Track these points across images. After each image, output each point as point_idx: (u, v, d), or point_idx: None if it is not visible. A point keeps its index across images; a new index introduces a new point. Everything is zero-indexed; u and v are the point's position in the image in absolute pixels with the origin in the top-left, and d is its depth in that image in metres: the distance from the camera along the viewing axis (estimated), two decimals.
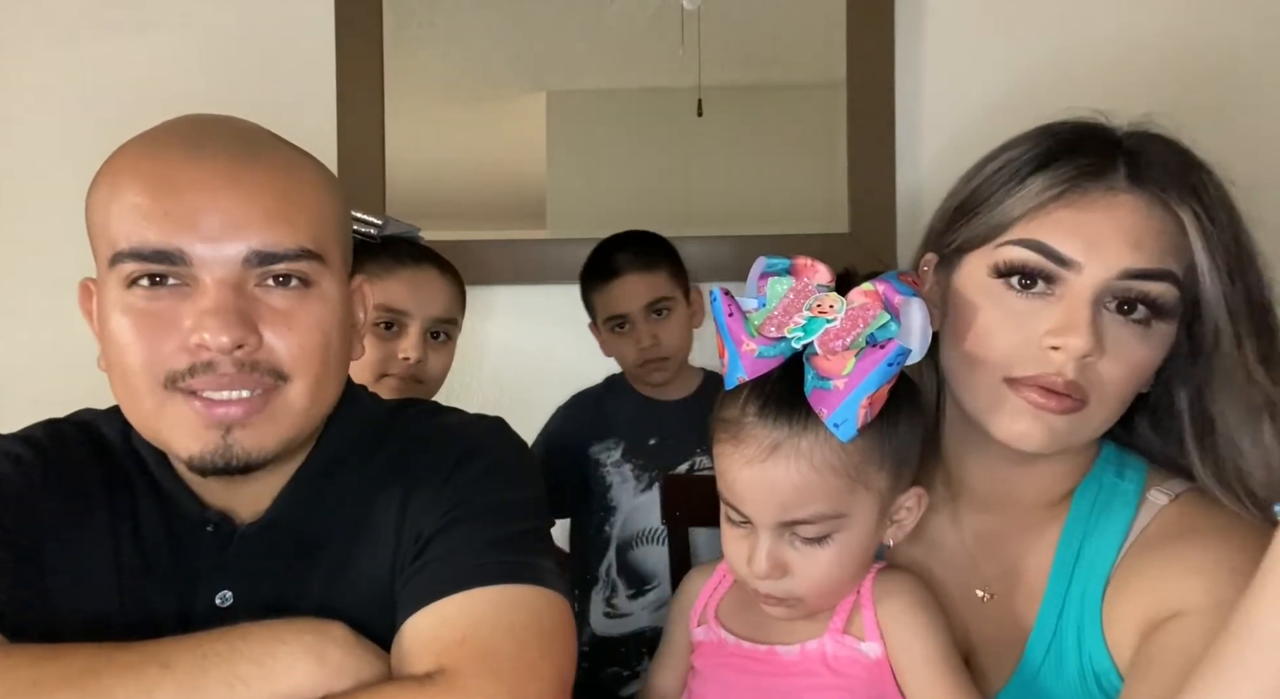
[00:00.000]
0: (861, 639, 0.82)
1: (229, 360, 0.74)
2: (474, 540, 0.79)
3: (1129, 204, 0.78)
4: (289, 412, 0.77)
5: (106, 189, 0.76)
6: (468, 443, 0.86)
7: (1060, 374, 0.77)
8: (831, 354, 0.75)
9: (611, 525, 1.61)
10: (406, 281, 1.33)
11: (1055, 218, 0.79)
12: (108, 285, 0.76)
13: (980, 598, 0.88)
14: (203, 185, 0.74)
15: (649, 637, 1.58)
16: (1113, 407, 0.80)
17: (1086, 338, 0.76)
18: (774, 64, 1.78)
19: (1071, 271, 0.78)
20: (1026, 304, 0.79)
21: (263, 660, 0.69)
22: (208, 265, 0.74)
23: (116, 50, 1.78)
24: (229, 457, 0.75)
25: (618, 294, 1.57)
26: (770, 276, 0.80)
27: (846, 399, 0.74)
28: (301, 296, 0.77)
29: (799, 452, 0.77)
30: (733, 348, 0.79)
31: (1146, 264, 0.77)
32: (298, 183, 0.79)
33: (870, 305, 0.76)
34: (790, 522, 0.78)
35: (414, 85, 1.77)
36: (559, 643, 0.76)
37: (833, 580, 0.81)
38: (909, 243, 1.70)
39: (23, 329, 1.81)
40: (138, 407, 0.76)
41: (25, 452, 0.83)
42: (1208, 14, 1.68)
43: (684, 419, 1.61)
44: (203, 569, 0.82)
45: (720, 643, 0.87)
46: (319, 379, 0.78)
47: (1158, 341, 0.80)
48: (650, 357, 1.57)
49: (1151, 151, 0.80)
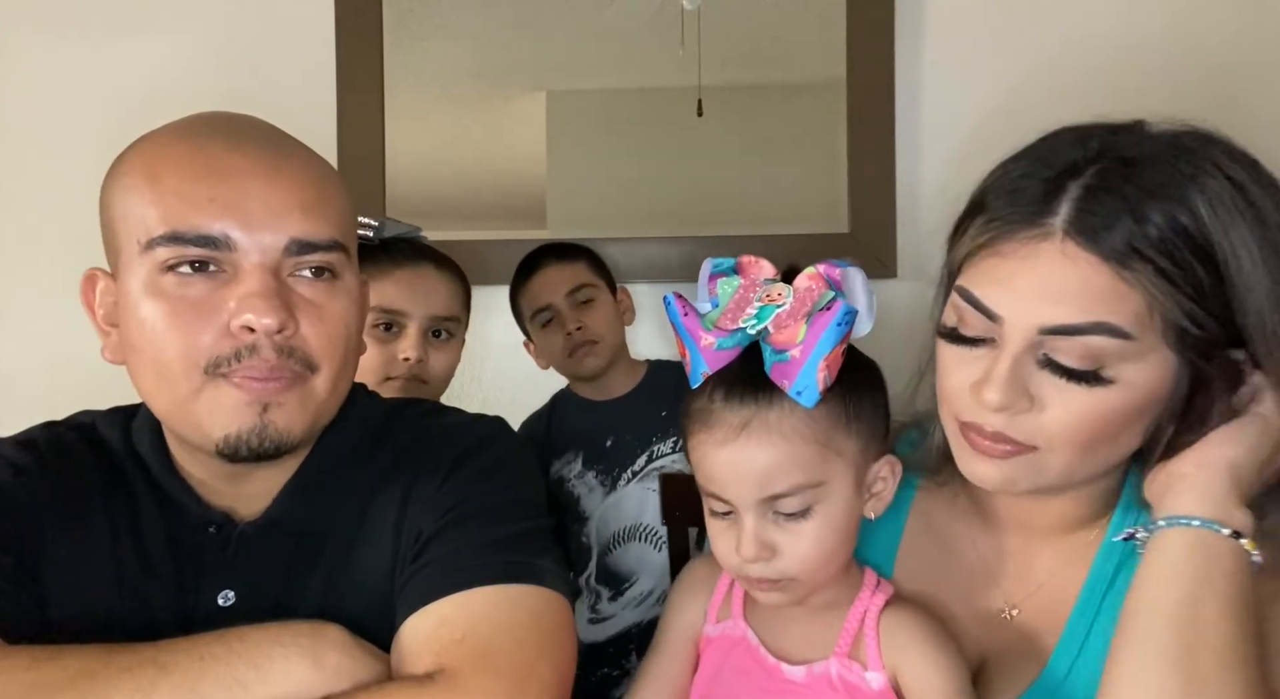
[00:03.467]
0: (865, 668, 0.81)
1: (270, 345, 0.75)
2: (473, 540, 0.79)
3: (1052, 255, 0.72)
4: (313, 398, 0.79)
5: (139, 177, 0.76)
6: (467, 442, 0.87)
7: (988, 424, 0.76)
8: (783, 329, 0.78)
9: (588, 535, 1.61)
10: (402, 282, 1.32)
11: (985, 265, 0.76)
12: (135, 272, 0.76)
13: (1002, 614, 0.87)
14: (248, 174, 0.76)
15: (634, 635, 1.58)
16: (1068, 454, 0.76)
17: (999, 393, 0.73)
18: (774, 64, 1.78)
19: (996, 324, 0.75)
20: (967, 351, 0.78)
21: (260, 664, 0.69)
22: (249, 252, 0.75)
23: (116, 51, 1.78)
24: (264, 436, 0.76)
25: (538, 286, 1.57)
26: (719, 277, 0.84)
27: (805, 366, 0.76)
28: (330, 288, 0.79)
29: (768, 425, 0.79)
30: (692, 345, 0.81)
31: (1066, 320, 0.71)
32: (325, 177, 0.81)
33: (814, 287, 0.80)
34: (770, 497, 0.79)
35: (414, 85, 1.77)
36: (558, 642, 0.77)
37: (821, 554, 0.81)
38: (909, 243, 1.71)
39: (22, 330, 1.81)
40: (171, 392, 0.76)
41: (22, 456, 0.83)
42: (1208, 14, 1.68)
43: (634, 413, 1.60)
44: (204, 569, 0.82)
45: (741, 640, 0.87)
46: (340, 370, 0.80)
47: (1118, 387, 0.73)
48: (578, 340, 1.55)
49: (1109, 187, 0.72)
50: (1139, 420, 0.76)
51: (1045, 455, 0.76)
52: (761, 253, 0.86)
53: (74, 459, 0.84)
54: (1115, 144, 0.76)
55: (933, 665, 0.80)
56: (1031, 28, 1.70)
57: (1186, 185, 0.72)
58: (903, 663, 0.81)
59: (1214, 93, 1.63)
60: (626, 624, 1.59)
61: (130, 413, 0.88)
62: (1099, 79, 1.64)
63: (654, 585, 1.57)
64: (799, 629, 0.85)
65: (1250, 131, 0.79)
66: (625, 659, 1.58)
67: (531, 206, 1.81)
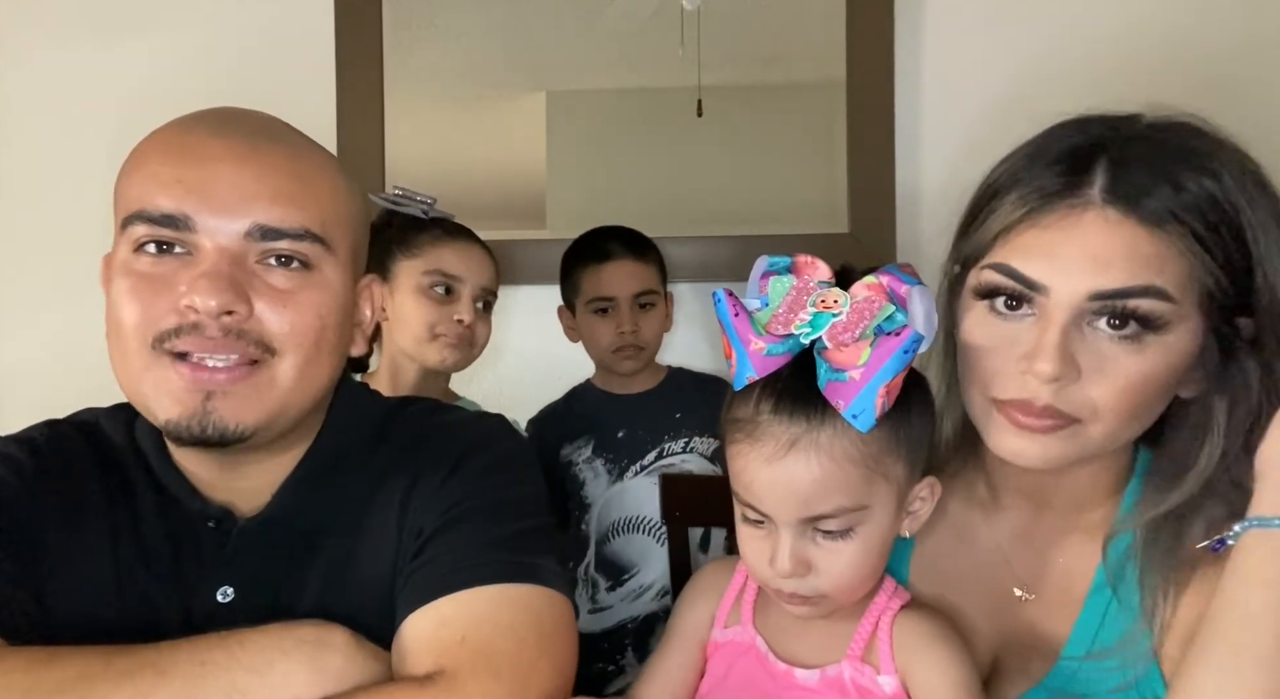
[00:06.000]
0: (878, 671, 0.81)
1: (215, 325, 0.74)
2: (474, 539, 0.79)
3: (1095, 223, 0.74)
4: (273, 387, 0.77)
5: (133, 163, 0.79)
6: (469, 440, 0.87)
7: (1035, 397, 0.76)
8: (843, 346, 0.74)
9: (588, 522, 1.62)
10: (460, 252, 1.46)
11: (1023, 239, 0.77)
12: (117, 252, 0.78)
13: (1019, 597, 0.87)
14: (220, 158, 0.76)
15: (631, 629, 1.59)
16: (1112, 423, 0.77)
17: (1053, 363, 0.74)
18: (774, 64, 1.78)
19: (1041, 295, 0.76)
20: (1007, 326, 0.78)
21: (262, 670, 0.69)
22: (211, 233, 0.75)
23: (116, 51, 1.78)
24: (205, 424, 0.75)
25: (609, 277, 1.58)
26: (772, 275, 0.80)
27: (864, 389, 0.73)
28: (302, 278, 0.78)
29: (818, 445, 0.76)
30: (740, 348, 0.78)
31: (1116, 284, 0.73)
32: (311, 169, 0.80)
33: (874, 298, 0.77)
34: (812, 517, 0.77)
35: (414, 85, 1.77)
36: (559, 642, 0.76)
37: (858, 574, 0.80)
38: (909, 242, 1.71)
39: (25, 328, 1.81)
40: (127, 368, 0.77)
41: (22, 454, 0.83)
42: (1209, 11, 1.68)
43: (650, 409, 1.62)
44: (204, 566, 0.82)
45: (750, 647, 0.86)
46: (309, 360, 0.79)
47: (1158, 352, 0.75)
48: (628, 342, 1.57)
49: (1133, 165, 0.75)
50: (1172, 387, 0.78)
51: (1088, 427, 0.76)
52: (761, 253, 0.85)
53: (74, 457, 0.84)
54: (1119, 127, 0.78)
55: (942, 666, 0.79)
56: (1031, 27, 1.70)
57: (1209, 157, 0.75)
58: (914, 665, 0.80)
59: (1215, 90, 1.63)
60: (623, 617, 1.59)
61: (134, 409, 0.88)
62: (1100, 79, 1.64)
63: (655, 579, 1.58)
64: (810, 634, 0.84)
65: (1252, 128, 0.79)
66: (620, 655, 1.58)
67: (531, 206, 1.81)
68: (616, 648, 1.59)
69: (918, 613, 0.83)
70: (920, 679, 0.79)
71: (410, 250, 1.43)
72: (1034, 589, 0.87)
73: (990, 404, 0.79)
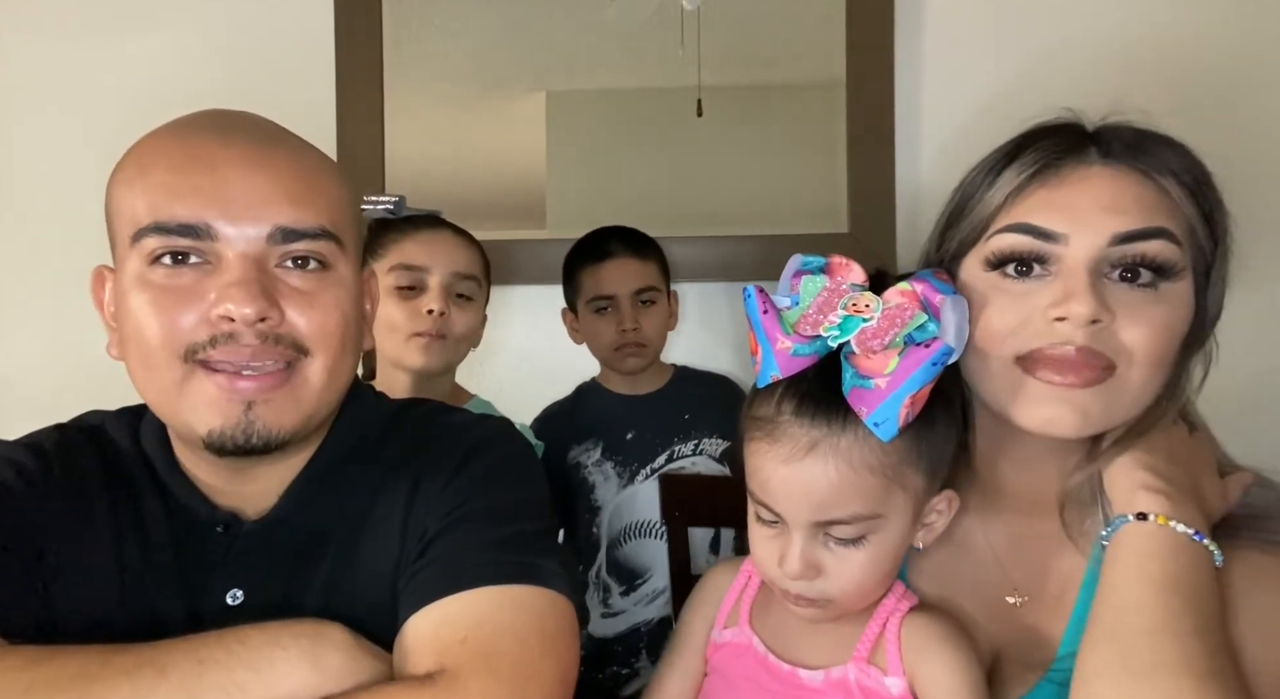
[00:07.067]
0: (885, 673, 0.80)
1: (251, 332, 0.75)
2: (477, 540, 0.79)
3: (1103, 175, 0.79)
4: (308, 388, 0.78)
5: (132, 171, 0.77)
6: (473, 442, 0.87)
7: (1069, 342, 0.76)
8: (871, 353, 0.74)
9: (599, 525, 1.61)
10: (421, 241, 1.40)
11: (1034, 198, 0.79)
12: (127, 265, 0.77)
13: (1012, 604, 0.87)
14: (232, 164, 0.76)
15: (644, 632, 1.59)
16: (1147, 371, 0.77)
17: (1088, 302, 0.75)
18: (774, 64, 1.78)
19: (1060, 246, 0.77)
20: (1025, 287, 0.79)
21: (260, 667, 0.69)
22: (232, 241, 0.75)
23: (117, 51, 1.78)
24: (250, 433, 0.76)
25: (608, 275, 1.58)
26: (805, 275, 0.80)
27: (889, 398, 0.73)
28: (320, 278, 0.79)
29: (837, 451, 0.75)
30: (767, 345, 0.77)
31: (1133, 225, 0.76)
32: (316, 168, 0.81)
33: (907, 305, 0.76)
34: (826, 522, 0.77)
35: (414, 85, 1.77)
36: (561, 644, 0.76)
37: (866, 582, 0.80)
38: (909, 242, 1.70)
39: (25, 331, 1.81)
40: (158, 384, 0.76)
41: (27, 458, 0.83)
42: (1208, 11, 1.68)
43: (658, 411, 1.62)
44: (212, 569, 0.82)
45: (747, 647, 0.86)
46: (337, 359, 0.80)
47: (1176, 301, 0.78)
48: (630, 340, 1.57)
49: (1120, 134, 0.81)
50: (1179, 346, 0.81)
51: (1123, 377, 0.77)
52: (761, 253, 0.84)
53: (79, 462, 0.84)
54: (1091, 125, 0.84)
55: (952, 668, 0.79)
56: (1031, 27, 1.70)
57: (1182, 146, 0.81)
58: (923, 666, 0.80)
59: (1215, 90, 1.63)
60: (636, 621, 1.59)
61: (139, 413, 0.88)
62: (1099, 78, 1.64)
63: (667, 583, 1.58)
64: (815, 635, 0.84)
65: (1251, 128, 0.79)
66: (634, 658, 1.58)
67: (531, 206, 1.81)
68: (630, 651, 1.59)
69: (927, 615, 0.83)
70: (929, 681, 0.79)
71: (376, 253, 1.41)
72: (1026, 593, 0.87)
73: (1018, 371, 0.78)
